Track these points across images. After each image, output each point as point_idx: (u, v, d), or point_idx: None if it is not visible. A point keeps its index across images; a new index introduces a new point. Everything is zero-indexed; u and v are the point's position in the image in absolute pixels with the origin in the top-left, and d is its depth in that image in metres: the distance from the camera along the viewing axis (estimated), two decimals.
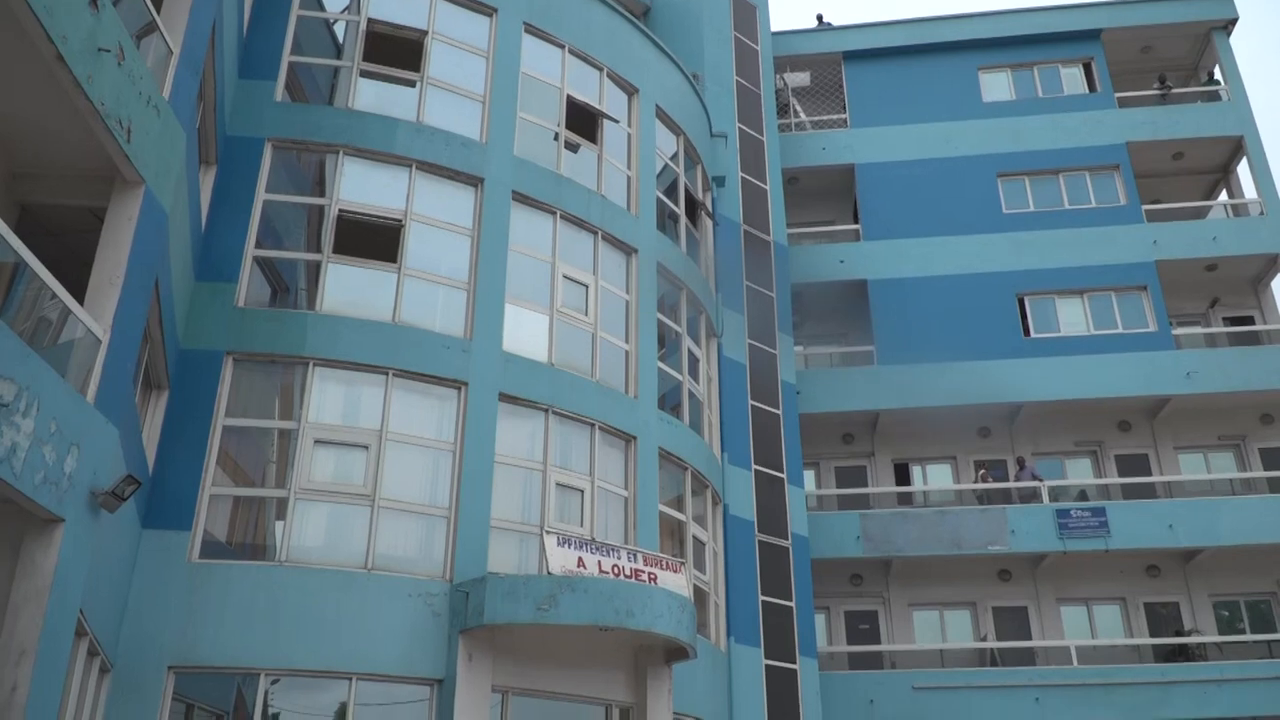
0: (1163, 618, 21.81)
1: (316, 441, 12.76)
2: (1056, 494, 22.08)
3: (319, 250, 13.87)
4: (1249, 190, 25.09)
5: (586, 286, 15.70)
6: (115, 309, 8.57)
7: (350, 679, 11.80)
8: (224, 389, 12.71)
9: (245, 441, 13.08)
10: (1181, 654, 20.81)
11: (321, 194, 14.30)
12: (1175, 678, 19.70)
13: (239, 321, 13.04)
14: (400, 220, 14.15)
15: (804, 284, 23.83)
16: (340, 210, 13.93)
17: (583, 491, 14.43)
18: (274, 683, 11.72)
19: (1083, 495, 22.42)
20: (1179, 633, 21.35)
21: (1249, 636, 21.22)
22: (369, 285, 13.88)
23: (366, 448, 12.91)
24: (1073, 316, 23.48)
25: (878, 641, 21.94)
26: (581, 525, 14.17)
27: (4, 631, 7.42)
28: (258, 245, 13.65)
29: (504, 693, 12.63)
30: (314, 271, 13.88)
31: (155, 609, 11.35)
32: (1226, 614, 21.93)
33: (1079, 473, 23.32)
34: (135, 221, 8.87)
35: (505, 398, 13.97)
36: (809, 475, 22.79)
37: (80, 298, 8.41)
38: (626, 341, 16.05)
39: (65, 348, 8.19)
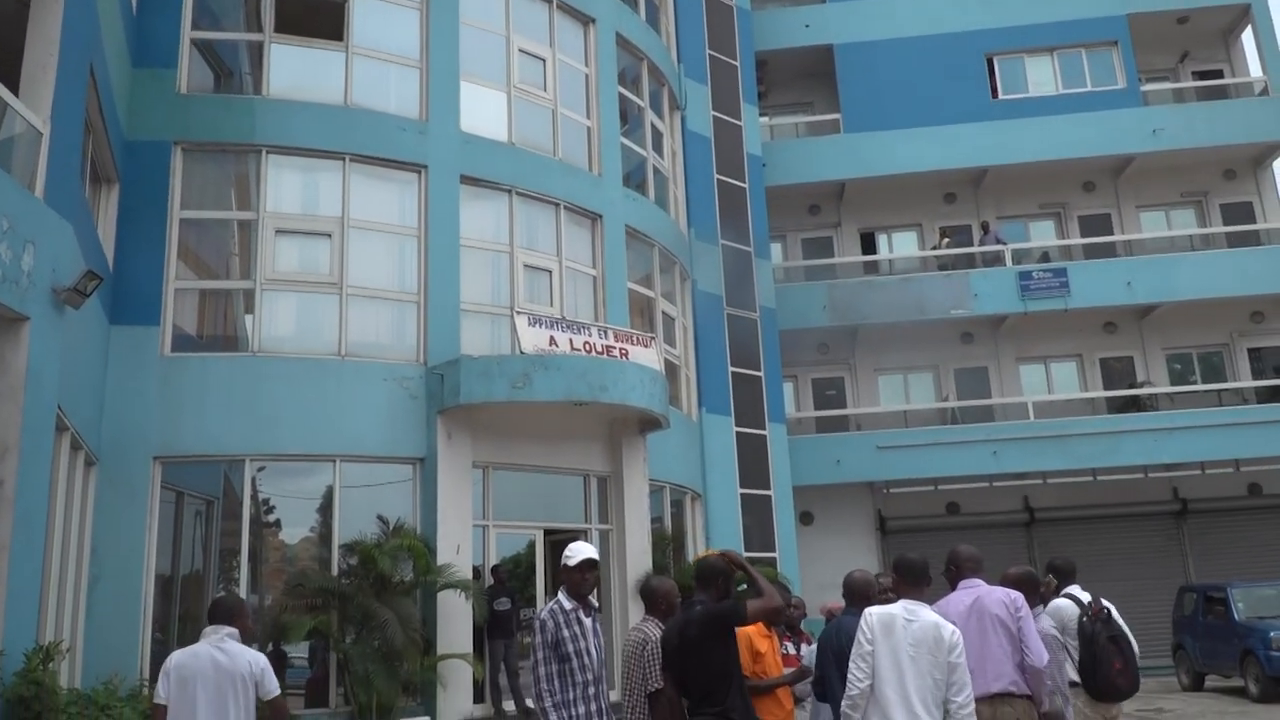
0: (1117, 372, 22.57)
1: (278, 231, 12.58)
2: (1019, 257, 22.32)
3: (260, 30, 13.20)
4: None
5: (544, 60, 15.15)
6: (52, 98, 8.21)
7: (334, 461, 12.12)
8: (176, 180, 12.37)
9: (205, 234, 12.87)
10: (1134, 405, 21.66)
11: None
12: (1126, 427, 20.54)
13: (183, 109, 12.56)
14: None
15: (768, 51, 23.08)
16: None
17: (550, 272, 14.43)
18: (260, 469, 12.03)
19: (1045, 257, 22.68)
20: (1132, 385, 22.15)
21: (1199, 386, 22.05)
22: (316, 66, 13.33)
23: (329, 236, 12.75)
24: (1041, 76, 23.05)
25: (844, 406, 22.65)
26: (551, 305, 14.24)
27: None
28: (194, 27, 12.98)
29: (484, 468, 13.06)
30: (257, 54, 13.28)
31: (134, 403, 11.46)
32: (1179, 366, 22.72)
33: (1042, 234, 23.51)
34: (62, 2, 8.37)
35: (467, 180, 13.71)
36: (776, 248, 22.83)
37: (16, 91, 8.03)
38: (588, 117, 15.64)
39: (6, 144, 7.91)
